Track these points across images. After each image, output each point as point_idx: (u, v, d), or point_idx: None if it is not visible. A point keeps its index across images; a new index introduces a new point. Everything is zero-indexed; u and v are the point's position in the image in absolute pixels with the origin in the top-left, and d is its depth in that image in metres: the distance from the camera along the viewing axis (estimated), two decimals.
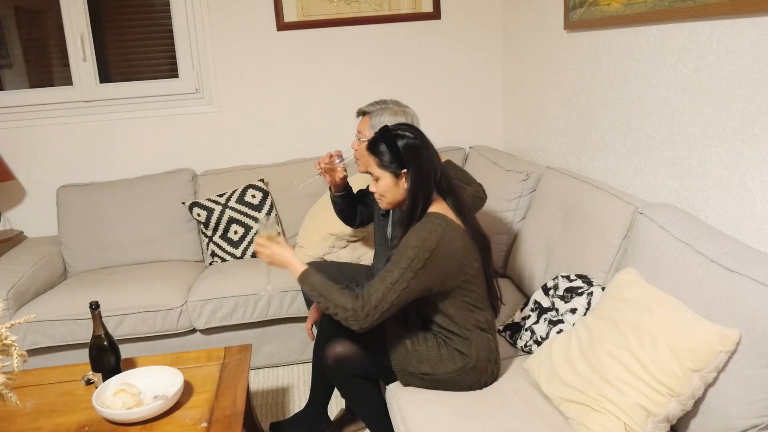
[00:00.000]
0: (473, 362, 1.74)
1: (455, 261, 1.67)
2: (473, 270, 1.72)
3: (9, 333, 1.44)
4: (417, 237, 1.65)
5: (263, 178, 3.07)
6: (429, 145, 1.76)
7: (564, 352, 1.68)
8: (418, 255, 1.62)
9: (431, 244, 1.63)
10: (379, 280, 1.64)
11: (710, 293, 1.46)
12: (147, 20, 3.16)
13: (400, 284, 1.62)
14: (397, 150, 1.71)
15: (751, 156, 1.63)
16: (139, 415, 1.65)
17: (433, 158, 1.75)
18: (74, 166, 3.16)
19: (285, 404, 2.48)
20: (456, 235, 1.68)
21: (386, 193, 1.77)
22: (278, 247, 1.80)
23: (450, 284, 1.70)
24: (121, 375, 1.82)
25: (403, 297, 1.64)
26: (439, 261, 1.65)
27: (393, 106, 2.15)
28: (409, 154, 1.71)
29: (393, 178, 1.74)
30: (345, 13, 3.16)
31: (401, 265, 1.63)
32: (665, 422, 1.44)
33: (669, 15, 1.87)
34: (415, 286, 1.64)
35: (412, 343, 1.78)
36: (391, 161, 1.73)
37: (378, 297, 1.62)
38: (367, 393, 1.91)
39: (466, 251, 1.69)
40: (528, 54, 2.97)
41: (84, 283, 2.72)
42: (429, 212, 1.72)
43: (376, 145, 1.75)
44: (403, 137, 1.72)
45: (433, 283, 1.67)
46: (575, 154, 2.59)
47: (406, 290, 1.63)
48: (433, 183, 1.74)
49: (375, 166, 1.76)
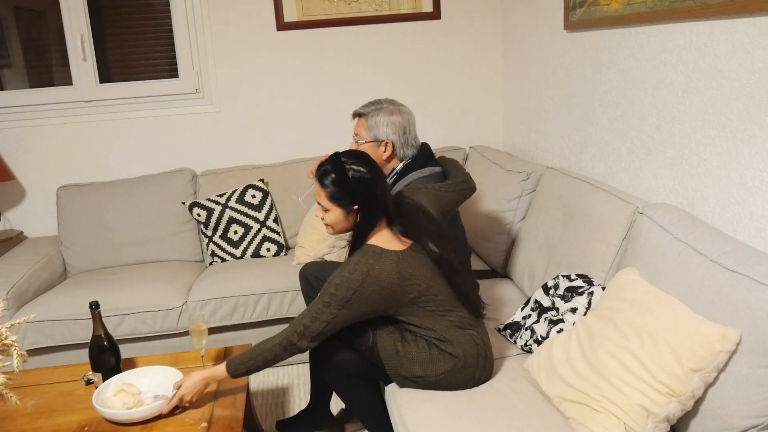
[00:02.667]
0: (462, 362, 1.74)
1: (392, 288, 1.66)
2: (423, 283, 1.70)
3: (9, 333, 1.44)
4: (341, 276, 1.65)
5: (263, 178, 3.07)
6: (381, 178, 1.72)
7: (564, 352, 1.68)
8: (340, 291, 1.63)
9: (354, 284, 1.63)
10: (307, 309, 1.68)
11: (710, 293, 1.46)
12: (147, 20, 3.16)
13: (326, 315, 1.65)
14: (348, 184, 1.67)
15: (751, 156, 1.63)
16: (139, 415, 1.65)
17: (385, 192, 1.73)
18: (74, 166, 3.16)
19: (285, 404, 2.48)
20: (387, 264, 1.65)
21: (335, 225, 1.75)
22: (183, 388, 1.73)
23: (397, 304, 1.70)
24: (121, 375, 1.82)
25: (336, 323, 1.67)
26: (368, 293, 1.64)
27: (388, 106, 2.14)
28: (360, 188, 1.68)
29: (343, 212, 1.71)
30: (345, 13, 3.16)
31: (324, 299, 1.65)
32: (665, 422, 1.44)
33: (669, 15, 1.87)
34: (347, 313, 1.66)
35: (402, 346, 1.77)
36: (342, 197, 1.69)
37: (306, 323, 1.66)
38: (365, 395, 1.91)
39: (403, 274, 1.66)
40: (528, 54, 2.97)
41: (84, 283, 2.72)
42: (364, 245, 1.71)
43: (326, 177, 1.70)
44: (357, 171, 1.68)
45: (373, 309, 1.68)
46: (575, 154, 2.59)
47: (337, 318, 1.65)
48: (382, 216, 1.73)
49: (324, 198, 1.72)
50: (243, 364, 1.71)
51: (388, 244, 1.71)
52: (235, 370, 1.72)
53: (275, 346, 1.69)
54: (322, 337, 1.69)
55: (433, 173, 2.11)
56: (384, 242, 1.71)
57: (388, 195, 1.75)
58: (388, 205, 1.74)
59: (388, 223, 1.75)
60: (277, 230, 3.00)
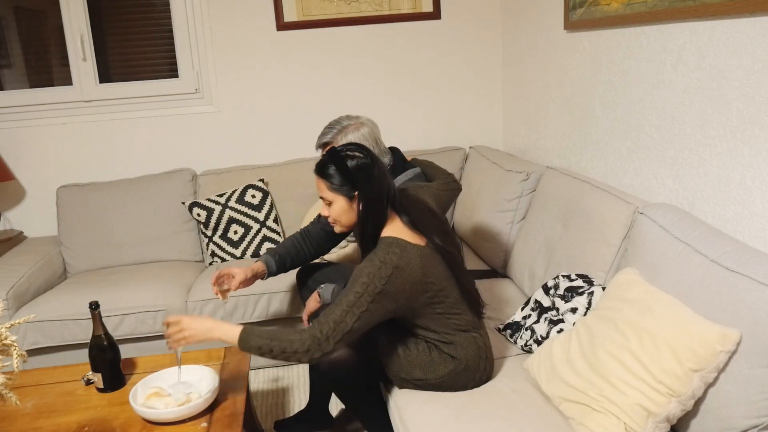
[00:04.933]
0: (463, 364, 1.73)
1: (415, 284, 1.63)
2: (439, 283, 1.68)
3: (9, 333, 1.44)
4: (371, 264, 1.59)
5: (263, 178, 3.07)
6: (380, 163, 1.70)
7: (564, 352, 1.68)
8: (373, 281, 1.57)
9: (387, 272, 1.58)
10: (335, 304, 1.58)
11: (710, 293, 1.46)
12: (147, 20, 3.16)
13: (358, 307, 1.56)
14: (348, 171, 1.64)
15: (751, 156, 1.63)
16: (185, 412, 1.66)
17: (385, 176, 1.69)
18: (74, 166, 3.17)
19: (285, 404, 2.48)
20: (412, 258, 1.62)
21: (340, 217, 1.71)
22: (188, 319, 1.62)
23: (415, 304, 1.66)
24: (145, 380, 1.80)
25: (364, 320, 1.57)
26: (397, 287, 1.59)
27: (348, 122, 2.06)
28: (361, 174, 1.65)
29: (347, 201, 1.68)
30: (345, 13, 3.16)
31: (356, 289, 1.57)
32: (665, 422, 1.44)
33: (669, 15, 1.87)
34: (376, 309, 1.59)
35: (403, 349, 1.77)
36: (343, 183, 1.66)
37: (336, 318, 1.55)
38: (364, 395, 1.90)
39: (425, 270, 1.64)
40: (528, 54, 2.97)
41: (84, 283, 2.72)
42: (383, 237, 1.66)
43: (325, 168, 1.67)
44: (353, 157, 1.66)
45: (396, 306, 1.63)
46: (575, 154, 2.59)
47: (367, 313, 1.57)
48: (386, 202, 1.68)
49: (326, 190, 1.68)
50: (257, 340, 1.57)
51: (408, 236, 1.66)
52: (246, 343, 1.57)
53: (297, 341, 1.55)
54: (349, 337, 1.57)
55: (416, 174, 2.10)
56: (404, 234, 1.67)
57: (389, 181, 1.71)
58: (392, 192, 1.70)
59: (398, 215, 1.71)
60: (277, 230, 3.00)
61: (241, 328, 1.59)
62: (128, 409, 1.75)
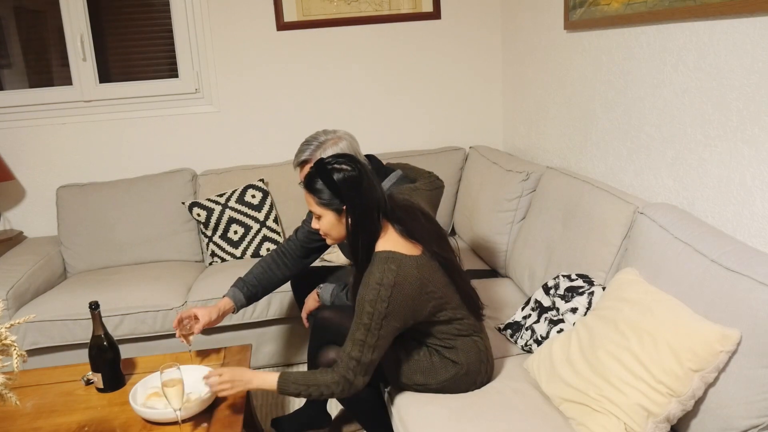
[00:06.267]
0: (465, 369, 1.73)
1: (416, 297, 1.61)
2: (440, 290, 1.66)
3: (9, 333, 1.44)
4: (370, 291, 1.57)
5: (263, 178, 3.07)
6: (369, 174, 1.64)
7: (564, 352, 1.68)
8: (377, 308, 1.56)
9: (386, 293, 1.56)
10: (351, 342, 1.59)
11: (710, 293, 1.46)
12: (147, 20, 3.16)
13: (371, 339, 1.57)
14: (335, 186, 1.60)
15: (751, 156, 1.63)
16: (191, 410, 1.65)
17: (374, 188, 1.64)
18: (74, 166, 3.16)
19: (285, 404, 2.48)
20: (409, 271, 1.60)
21: (330, 230, 1.68)
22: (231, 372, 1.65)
23: (421, 315, 1.66)
24: (143, 380, 1.79)
25: (381, 347, 1.60)
26: (399, 305, 1.58)
27: (326, 137, 2.00)
28: (348, 188, 1.60)
29: (335, 215, 1.64)
30: (345, 13, 3.16)
31: (363, 322, 1.57)
32: (665, 422, 1.44)
33: (669, 15, 1.87)
34: (387, 332, 1.59)
35: (404, 354, 1.76)
36: (331, 198, 1.62)
37: (356, 356, 1.58)
38: (364, 396, 1.89)
39: (424, 281, 1.62)
40: (528, 54, 2.97)
41: (84, 283, 2.72)
42: (377, 252, 1.62)
43: (312, 182, 1.64)
44: (340, 170, 1.61)
45: (405, 320, 1.62)
46: (575, 154, 2.59)
47: (381, 340, 1.59)
48: (378, 214, 1.64)
49: (314, 205, 1.65)
50: (294, 387, 1.61)
51: (403, 247, 1.63)
52: (285, 390, 1.62)
53: (331, 384, 1.60)
54: (373, 367, 1.61)
55: (399, 177, 2.07)
56: (398, 246, 1.63)
57: (379, 192, 1.66)
58: (383, 203, 1.65)
59: (391, 225, 1.68)
60: (277, 230, 3.00)
61: (277, 375, 1.63)
62: (128, 409, 1.75)
